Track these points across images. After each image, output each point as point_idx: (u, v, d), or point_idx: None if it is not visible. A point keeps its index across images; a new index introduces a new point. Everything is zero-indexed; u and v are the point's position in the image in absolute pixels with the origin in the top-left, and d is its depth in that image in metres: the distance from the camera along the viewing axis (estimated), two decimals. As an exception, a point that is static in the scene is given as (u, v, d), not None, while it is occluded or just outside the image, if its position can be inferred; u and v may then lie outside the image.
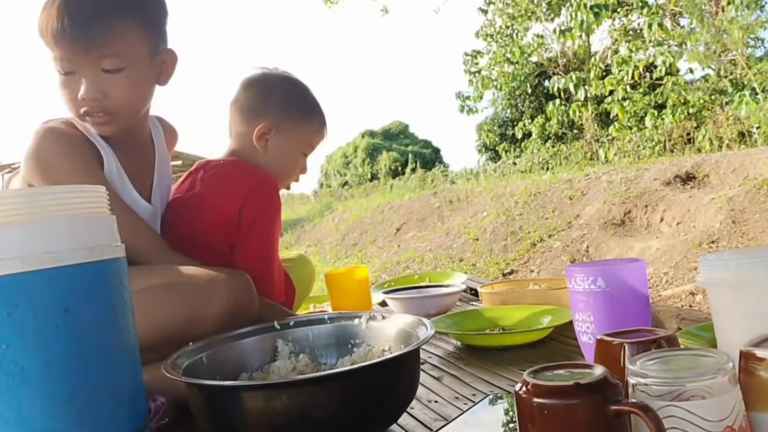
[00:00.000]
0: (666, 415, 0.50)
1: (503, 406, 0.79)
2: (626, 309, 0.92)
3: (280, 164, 1.32)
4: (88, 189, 0.68)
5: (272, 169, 1.29)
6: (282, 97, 1.33)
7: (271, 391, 0.68)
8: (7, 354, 0.58)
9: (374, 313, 0.96)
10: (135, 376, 0.69)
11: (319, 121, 1.36)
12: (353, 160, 23.62)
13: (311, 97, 1.37)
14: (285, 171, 1.34)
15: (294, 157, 1.35)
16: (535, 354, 1.11)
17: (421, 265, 5.99)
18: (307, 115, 1.34)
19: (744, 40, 7.38)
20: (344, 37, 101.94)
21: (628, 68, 8.76)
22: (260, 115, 1.29)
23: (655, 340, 0.64)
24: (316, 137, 1.37)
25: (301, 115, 1.33)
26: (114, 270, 0.68)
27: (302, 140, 1.35)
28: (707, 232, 4.05)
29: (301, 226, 11.25)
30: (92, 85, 1.02)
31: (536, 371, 0.55)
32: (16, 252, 0.59)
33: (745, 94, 7.09)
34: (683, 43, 8.37)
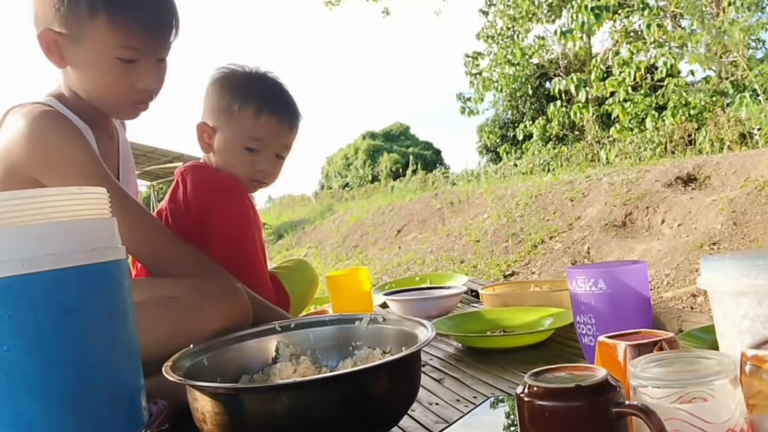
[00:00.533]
0: (667, 418, 0.50)
1: (504, 409, 0.79)
2: (627, 311, 0.92)
3: (227, 162, 1.26)
4: (89, 191, 0.68)
5: (224, 168, 1.26)
6: (216, 92, 1.27)
7: (272, 393, 0.68)
8: (7, 356, 0.58)
9: (375, 315, 0.95)
10: (135, 379, 0.69)
11: (254, 110, 1.24)
12: (354, 162, 23.64)
13: (248, 87, 1.27)
14: (235, 170, 1.26)
15: (236, 153, 1.26)
16: (537, 356, 1.11)
17: (422, 266, 5.99)
18: (240, 104, 1.24)
19: (745, 41, 7.38)
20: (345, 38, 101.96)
21: (629, 70, 8.76)
22: (203, 116, 1.29)
23: (657, 342, 0.64)
24: (256, 128, 1.25)
25: (234, 106, 1.24)
26: (114, 272, 0.68)
27: (240, 133, 1.25)
28: (708, 234, 4.05)
29: (301, 227, 11.24)
30: (156, 73, 1.09)
31: (537, 373, 0.55)
32: (17, 254, 0.59)
33: (745, 96, 7.08)
34: (684, 45, 8.37)
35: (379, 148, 22.99)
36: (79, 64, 1.06)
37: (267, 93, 1.28)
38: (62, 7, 1.03)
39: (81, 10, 1.03)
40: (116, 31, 1.03)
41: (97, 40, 1.04)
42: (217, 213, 1.19)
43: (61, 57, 1.06)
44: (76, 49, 1.05)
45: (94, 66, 1.06)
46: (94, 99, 1.10)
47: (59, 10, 1.03)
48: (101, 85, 1.08)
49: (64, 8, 1.03)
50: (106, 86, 1.08)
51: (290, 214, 14.76)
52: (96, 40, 1.04)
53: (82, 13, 1.03)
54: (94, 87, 1.08)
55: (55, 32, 1.03)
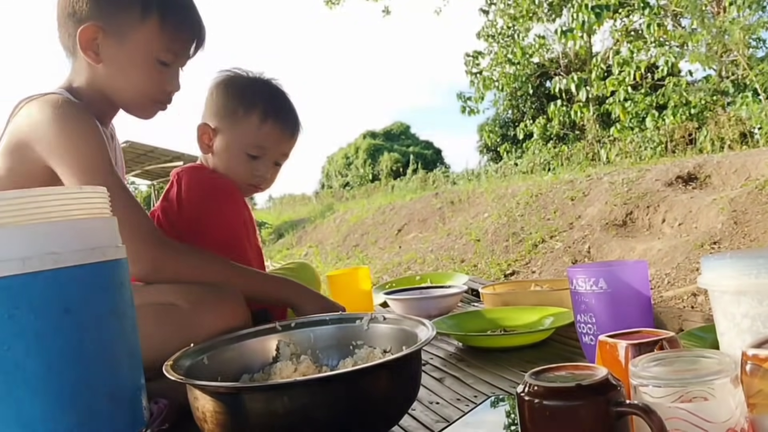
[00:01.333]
0: (668, 417, 0.50)
1: (505, 408, 0.79)
2: (628, 310, 0.92)
3: (226, 165, 1.27)
4: (89, 190, 0.68)
5: (222, 171, 1.27)
6: (220, 94, 1.28)
7: (272, 392, 0.68)
8: (8, 355, 0.58)
9: (376, 314, 0.95)
10: (136, 378, 0.69)
11: (259, 118, 1.26)
12: (354, 161, 23.63)
13: (252, 94, 1.28)
14: (233, 174, 1.27)
15: (237, 158, 1.27)
16: (537, 355, 1.11)
17: (423, 266, 5.99)
18: (246, 110, 1.25)
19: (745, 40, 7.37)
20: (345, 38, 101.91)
21: (629, 69, 8.76)
22: (204, 117, 1.29)
23: (657, 342, 0.64)
24: (260, 135, 1.26)
25: (238, 111, 1.26)
26: (115, 271, 0.68)
27: (244, 139, 1.26)
28: (709, 233, 4.05)
29: (302, 227, 11.24)
30: (179, 76, 1.14)
31: (538, 372, 0.55)
32: (17, 253, 0.59)
33: (746, 95, 7.08)
34: (684, 44, 8.37)
35: (380, 148, 22.98)
36: (116, 62, 1.07)
37: (272, 101, 1.29)
38: (111, 6, 1.05)
39: (132, 11, 1.05)
40: (163, 35, 1.07)
41: (143, 41, 1.07)
42: (211, 216, 1.19)
43: (97, 53, 1.06)
44: (117, 48, 1.06)
45: (133, 65, 1.08)
46: (122, 96, 1.11)
47: (106, 8, 1.05)
48: (135, 84, 1.09)
49: (113, 7, 1.05)
50: (140, 85, 1.10)
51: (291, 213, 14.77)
52: (141, 41, 1.07)
53: (133, 14, 1.05)
54: (127, 85, 1.09)
55: (99, 28, 1.04)
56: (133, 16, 1.05)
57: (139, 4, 1.06)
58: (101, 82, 1.09)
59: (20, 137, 1.00)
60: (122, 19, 1.05)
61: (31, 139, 0.99)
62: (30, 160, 1.00)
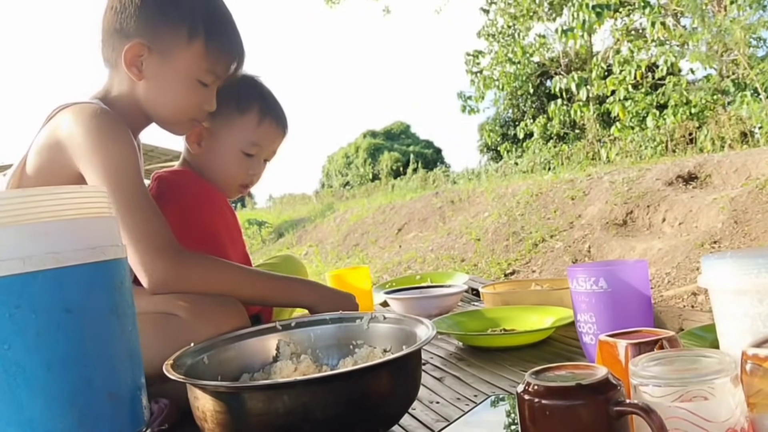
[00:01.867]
0: (668, 416, 0.50)
1: (505, 407, 0.79)
2: (628, 309, 0.92)
3: (219, 164, 1.26)
4: (90, 189, 0.68)
5: (213, 170, 1.25)
6: None
7: (272, 392, 0.68)
8: (8, 354, 0.58)
9: (376, 313, 0.95)
10: (136, 377, 0.69)
11: (257, 116, 1.26)
12: (355, 161, 23.63)
13: (247, 92, 1.28)
14: (226, 172, 1.27)
15: (232, 157, 1.26)
16: (537, 355, 1.11)
17: (423, 265, 5.99)
18: (243, 109, 1.25)
19: (746, 40, 7.37)
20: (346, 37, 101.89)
21: (630, 68, 8.75)
22: None
23: (657, 341, 0.64)
24: (257, 134, 1.27)
25: (233, 111, 1.25)
26: (115, 270, 0.68)
27: (240, 137, 1.25)
28: (709, 233, 4.05)
29: (302, 226, 11.25)
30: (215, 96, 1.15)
31: (538, 372, 0.55)
32: (18, 253, 0.59)
33: (747, 94, 7.07)
34: (685, 43, 8.36)
35: (380, 147, 22.98)
36: (158, 80, 1.08)
37: (267, 99, 1.30)
38: (159, 26, 1.06)
39: (180, 32, 1.06)
40: (207, 57, 1.09)
41: (187, 62, 1.08)
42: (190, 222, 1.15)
43: (140, 70, 1.07)
44: (162, 66, 1.07)
45: (175, 84, 1.09)
46: (159, 112, 1.12)
47: (154, 27, 1.06)
48: (174, 102, 1.11)
49: (161, 27, 1.06)
50: (179, 103, 1.11)
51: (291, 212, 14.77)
52: (185, 62, 1.08)
53: (180, 35, 1.06)
54: (167, 102, 1.10)
55: (145, 46, 1.05)
56: (180, 37, 1.07)
57: (186, 26, 1.07)
58: (140, 97, 1.09)
59: (55, 140, 1.01)
60: (169, 39, 1.06)
61: (66, 143, 0.99)
62: (61, 163, 1.01)
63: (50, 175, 1.02)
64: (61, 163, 1.01)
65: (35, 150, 1.04)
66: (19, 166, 1.07)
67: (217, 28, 1.11)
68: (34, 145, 1.05)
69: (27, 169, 1.05)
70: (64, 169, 1.00)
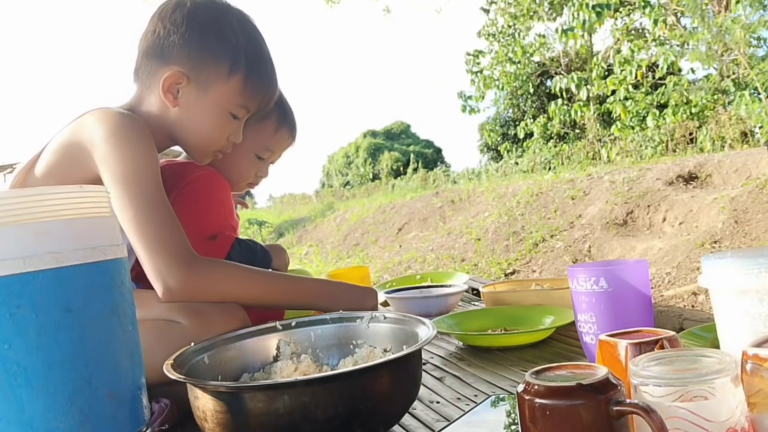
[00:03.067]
0: (668, 416, 0.50)
1: (505, 407, 0.79)
2: (628, 309, 0.92)
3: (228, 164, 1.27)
4: (90, 189, 0.68)
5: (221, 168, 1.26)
6: None
7: (273, 391, 0.68)
8: (9, 354, 0.58)
9: (376, 313, 0.95)
10: (136, 377, 0.69)
11: (274, 124, 1.30)
12: (355, 160, 23.63)
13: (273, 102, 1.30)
14: (236, 172, 1.29)
15: (246, 159, 1.30)
16: (538, 354, 1.11)
17: (423, 265, 5.99)
18: (260, 116, 1.27)
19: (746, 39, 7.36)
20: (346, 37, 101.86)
21: (630, 68, 8.75)
22: None
23: (658, 341, 0.64)
24: (273, 140, 1.31)
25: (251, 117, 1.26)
26: (115, 270, 0.68)
27: (256, 142, 1.28)
28: (710, 232, 4.05)
29: (302, 226, 11.25)
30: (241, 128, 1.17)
31: (538, 372, 0.55)
32: (18, 252, 0.59)
33: (746, 94, 7.07)
34: (685, 43, 8.36)
35: (380, 147, 22.98)
36: (192, 109, 1.09)
37: (285, 108, 1.33)
38: (201, 57, 1.07)
39: (221, 66, 1.07)
40: (243, 92, 1.10)
41: (223, 95, 1.09)
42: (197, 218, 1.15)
43: (176, 97, 1.07)
44: (198, 97, 1.08)
45: (209, 115, 1.10)
46: (188, 139, 1.12)
47: (197, 58, 1.06)
48: (204, 132, 1.11)
49: (204, 58, 1.07)
50: (209, 134, 1.12)
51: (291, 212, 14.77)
52: (222, 95, 1.09)
53: (221, 68, 1.07)
54: (196, 131, 1.11)
55: (184, 75, 1.06)
56: (221, 70, 1.08)
57: (228, 60, 1.08)
58: (170, 122, 1.09)
59: (75, 140, 1.01)
60: (210, 72, 1.07)
61: (86, 144, 0.99)
62: (78, 163, 1.01)
63: (63, 174, 1.02)
64: (77, 164, 1.01)
65: (51, 149, 1.04)
66: (27, 164, 1.07)
67: (258, 65, 1.12)
68: (51, 144, 1.04)
69: (37, 167, 1.05)
70: (81, 170, 1.00)
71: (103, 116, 1.00)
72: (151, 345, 0.83)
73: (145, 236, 0.93)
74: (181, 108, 1.08)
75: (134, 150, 0.97)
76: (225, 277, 0.99)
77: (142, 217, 0.93)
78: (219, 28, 1.09)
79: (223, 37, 1.08)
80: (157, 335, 0.91)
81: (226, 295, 1.00)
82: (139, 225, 0.93)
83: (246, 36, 1.11)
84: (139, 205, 0.94)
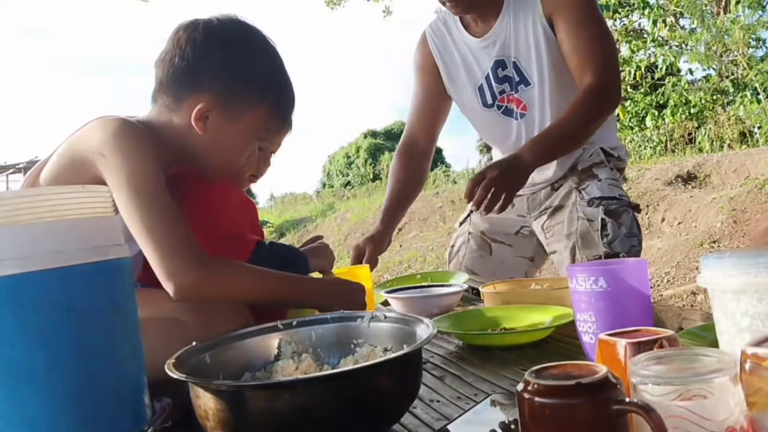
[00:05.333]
0: (667, 415, 0.50)
1: (505, 407, 0.79)
2: (628, 309, 0.92)
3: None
4: (92, 189, 0.69)
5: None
6: None
7: (274, 390, 0.69)
8: (11, 353, 0.59)
9: (376, 312, 0.96)
10: (138, 376, 0.70)
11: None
12: (355, 161, 23.64)
13: None
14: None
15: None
16: (537, 354, 1.11)
17: (423, 264, 5.99)
18: None
19: (745, 40, 7.37)
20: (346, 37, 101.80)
21: (629, 68, 8.76)
22: None
23: (657, 340, 0.65)
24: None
25: None
26: (117, 270, 0.68)
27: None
28: (708, 232, 4.05)
29: (303, 226, 11.25)
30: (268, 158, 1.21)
31: (538, 371, 0.55)
32: (21, 252, 0.59)
33: (746, 95, 7.08)
34: (684, 44, 8.36)
35: (381, 147, 22.98)
36: (218, 136, 1.09)
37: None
38: (233, 85, 1.08)
39: (251, 96, 1.09)
40: (270, 122, 1.13)
41: (251, 124, 1.11)
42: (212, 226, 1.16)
43: (204, 124, 1.08)
44: (226, 125, 1.09)
45: (235, 143, 1.12)
46: (210, 164, 1.13)
47: (228, 86, 1.08)
48: (229, 159, 1.13)
49: (235, 87, 1.08)
50: (233, 162, 1.14)
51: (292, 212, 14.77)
52: (250, 124, 1.11)
53: (251, 98, 1.09)
54: (222, 158, 1.12)
55: (216, 104, 1.07)
56: (251, 99, 1.09)
57: (258, 89, 1.09)
58: (191, 143, 1.09)
59: (79, 146, 1.01)
60: (239, 100, 1.08)
61: (88, 149, 0.99)
62: (82, 168, 1.01)
63: (66, 179, 1.02)
64: (80, 170, 1.01)
65: (57, 154, 1.05)
66: (36, 169, 1.08)
67: (283, 93, 1.14)
68: (58, 150, 1.05)
69: (44, 172, 1.05)
70: (83, 176, 1.00)
71: (106, 123, 1.00)
72: (154, 343, 0.83)
73: (155, 238, 0.93)
74: (207, 133, 1.08)
75: (136, 153, 0.98)
76: (235, 276, 1.01)
77: (151, 220, 0.94)
78: (249, 56, 1.10)
79: (253, 65, 1.10)
80: (159, 334, 0.91)
81: (237, 293, 1.01)
82: (147, 227, 0.93)
83: (271, 61, 1.13)
84: (147, 207, 0.94)
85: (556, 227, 1.86)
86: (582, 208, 1.77)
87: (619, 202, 1.74)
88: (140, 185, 0.96)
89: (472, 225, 2.08)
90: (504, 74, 1.79)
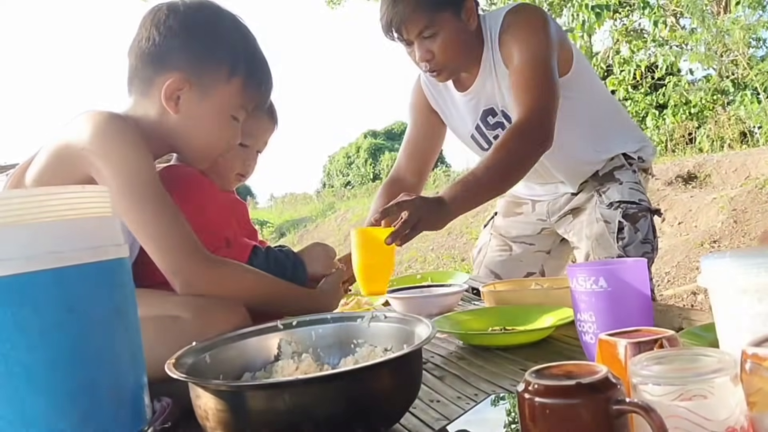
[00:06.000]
0: (668, 415, 0.50)
1: (506, 406, 0.80)
2: (628, 309, 0.92)
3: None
4: (92, 189, 0.69)
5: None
6: None
7: (274, 390, 0.69)
8: (11, 354, 0.59)
9: (376, 312, 0.96)
10: (138, 376, 0.70)
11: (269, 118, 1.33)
12: (356, 160, 23.65)
13: None
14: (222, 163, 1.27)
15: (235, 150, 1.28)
16: (537, 353, 1.11)
17: (424, 264, 5.99)
18: None
19: (745, 40, 7.37)
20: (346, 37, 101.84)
21: (629, 68, 8.76)
22: None
23: (657, 340, 0.64)
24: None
25: None
26: (117, 270, 0.68)
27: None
28: (709, 232, 4.05)
29: (304, 226, 11.25)
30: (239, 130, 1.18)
31: (538, 371, 0.55)
32: (21, 252, 0.59)
33: (746, 95, 7.08)
34: (684, 43, 8.37)
35: (381, 147, 22.99)
36: (193, 115, 1.08)
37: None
38: (202, 61, 1.07)
39: (222, 69, 1.08)
40: (243, 94, 1.11)
41: (224, 99, 1.09)
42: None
43: (177, 104, 1.07)
44: (200, 101, 1.08)
45: (210, 120, 1.10)
46: (189, 145, 1.12)
47: (198, 62, 1.06)
48: (205, 137, 1.12)
49: (205, 63, 1.07)
50: (210, 139, 1.12)
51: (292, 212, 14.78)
52: (223, 98, 1.09)
53: (222, 72, 1.08)
54: (198, 136, 1.11)
55: (186, 81, 1.06)
56: (222, 73, 1.08)
57: (228, 63, 1.08)
58: (169, 128, 1.09)
59: (65, 142, 1.00)
60: (210, 75, 1.08)
61: (76, 145, 0.98)
62: (69, 164, 1.00)
63: (51, 176, 1.01)
64: (66, 166, 1.00)
65: (43, 151, 1.04)
66: (21, 167, 1.07)
67: (255, 64, 1.13)
68: (44, 147, 1.04)
69: (30, 170, 1.04)
70: (70, 173, 1.00)
71: (93, 118, 0.99)
72: (154, 342, 0.83)
73: (157, 234, 0.93)
74: (181, 114, 1.08)
75: (129, 150, 0.97)
76: (238, 273, 1.03)
77: (152, 216, 0.94)
78: (216, 31, 1.09)
79: (221, 39, 1.09)
80: (159, 332, 0.91)
81: (238, 291, 1.02)
82: (148, 224, 0.93)
83: (241, 36, 1.12)
84: (146, 204, 0.94)
85: (576, 227, 1.88)
86: (601, 210, 1.78)
87: (638, 206, 1.74)
88: (138, 181, 0.96)
89: (495, 228, 2.11)
90: (495, 121, 1.80)
